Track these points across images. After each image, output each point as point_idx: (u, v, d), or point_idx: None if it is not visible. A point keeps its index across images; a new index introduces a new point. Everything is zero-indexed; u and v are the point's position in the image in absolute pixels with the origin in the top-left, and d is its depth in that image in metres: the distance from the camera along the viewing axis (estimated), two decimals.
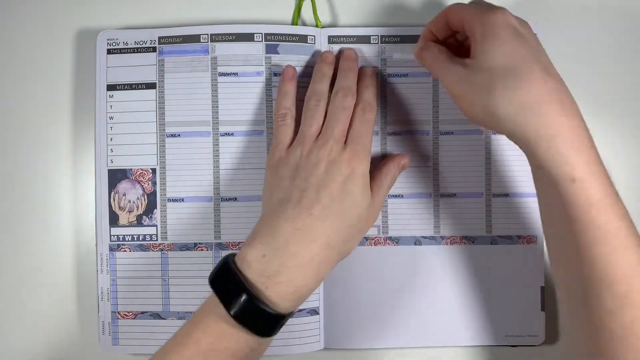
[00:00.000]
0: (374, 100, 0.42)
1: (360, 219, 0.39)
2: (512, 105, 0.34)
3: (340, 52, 0.44)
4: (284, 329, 0.44)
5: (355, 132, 0.40)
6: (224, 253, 0.44)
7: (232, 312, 0.34)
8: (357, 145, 0.39)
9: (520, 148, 0.35)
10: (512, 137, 0.35)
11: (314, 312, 0.45)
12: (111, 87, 0.45)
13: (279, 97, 0.43)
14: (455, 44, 0.41)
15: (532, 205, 0.45)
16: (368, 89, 0.42)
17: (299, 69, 0.44)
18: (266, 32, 0.44)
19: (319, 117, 0.40)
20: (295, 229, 0.36)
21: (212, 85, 0.45)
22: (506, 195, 0.45)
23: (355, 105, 0.41)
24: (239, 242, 0.45)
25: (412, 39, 0.45)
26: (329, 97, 0.41)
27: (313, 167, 0.38)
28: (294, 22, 0.46)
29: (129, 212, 0.45)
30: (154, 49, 0.45)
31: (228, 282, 0.35)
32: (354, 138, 0.40)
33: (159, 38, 0.45)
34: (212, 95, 0.45)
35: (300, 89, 0.43)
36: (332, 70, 0.43)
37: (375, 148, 0.45)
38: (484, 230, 0.45)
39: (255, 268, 0.36)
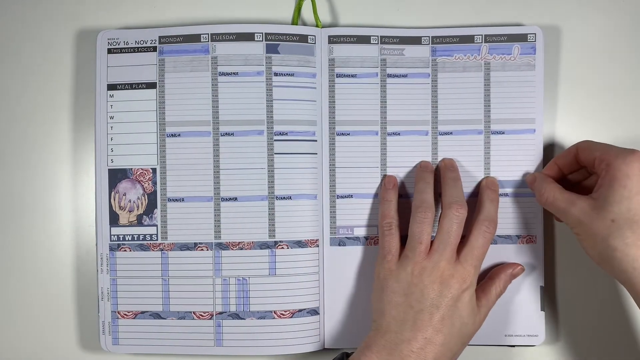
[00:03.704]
0: (497, 217, 0.42)
1: (469, 332, 0.40)
2: (628, 261, 0.36)
3: (441, 161, 0.45)
4: (284, 328, 0.44)
5: (472, 249, 0.40)
6: (224, 253, 0.44)
7: None
8: (470, 265, 0.40)
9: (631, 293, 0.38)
10: (625, 285, 0.37)
11: (314, 312, 0.45)
12: (111, 87, 0.45)
13: (383, 206, 0.43)
14: (577, 180, 0.43)
15: (532, 205, 0.45)
16: (493, 203, 0.42)
17: (298, 69, 0.44)
18: (266, 31, 0.44)
19: (427, 230, 0.41)
20: (410, 350, 0.38)
21: (212, 85, 0.45)
22: (506, 195, 0.45)
23: (476, 218, 0.41)
24: (239, 242, 0.45)
25: (411, 40, 0.45)
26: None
27: (426, 288, 0.39)
28: (294, 22, 0.46)
29: (129, 211, 0.45)
30: (154, 49, 0.45)
31: None
32: (468, 256, 0.40)
33: (160, 37, 0.45)
34: (212, 95, 0.45)
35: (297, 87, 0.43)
36: (433, 177, 0.44)
37: (375, 148, 0.45)
38: None
39: None
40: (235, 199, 0.45)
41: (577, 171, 0.43)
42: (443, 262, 0.40)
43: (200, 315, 0.45)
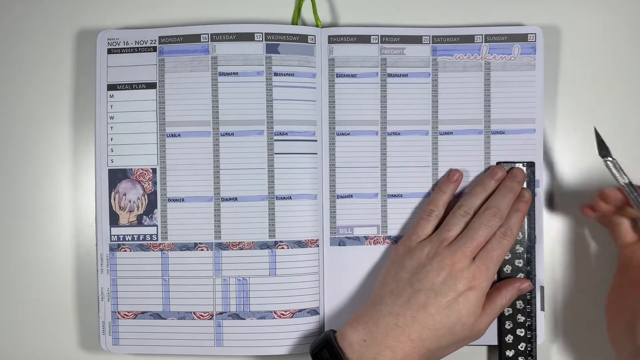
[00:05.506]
0: (518, 228, 0.42)
1: (463, 333, 0.39)
2: None
3: (511, 168, 0.44)
4: (284, 328, 0.44)
5: (487, 251, 0.40)
6: (224, 253, 0.44)
7: None
8: (483, 265, 0.40)
9: None
10: None
11: (314, 312, 0.45)
12: (111, 87, 0.45)
13: (435, 193, 0.44)
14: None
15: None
16: (516, 213, 0.42)
17: (298, 69, 0.44)
18: (266, 31, 0.44)
19: (460, 226, 0.41)
20: (396, 324, 0.38)
21: (212, 85, 0.45)
22: None
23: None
24: (239, 242, 0.45)
25: (412, 39, 0.45)
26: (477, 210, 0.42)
27: (433, 272, 0.39)
28: (294, 22, 0.46)
29: (130, 212, 0.45)
30: (154, 49, 0.45)
31: (330, 358, 0.39)
32: (483, 257, 0.40)
33: (160, 38, 0.45)
34: (212, 95, 0.45)
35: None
36: (495, 186, 0.43)
37: (375, 148, 0.45)
38: None
39: (355, 349, 0.38)
40: (235, 199, 0.45)
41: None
42: (459, 254, 0.39)
43: (201, 315, 0.45)
